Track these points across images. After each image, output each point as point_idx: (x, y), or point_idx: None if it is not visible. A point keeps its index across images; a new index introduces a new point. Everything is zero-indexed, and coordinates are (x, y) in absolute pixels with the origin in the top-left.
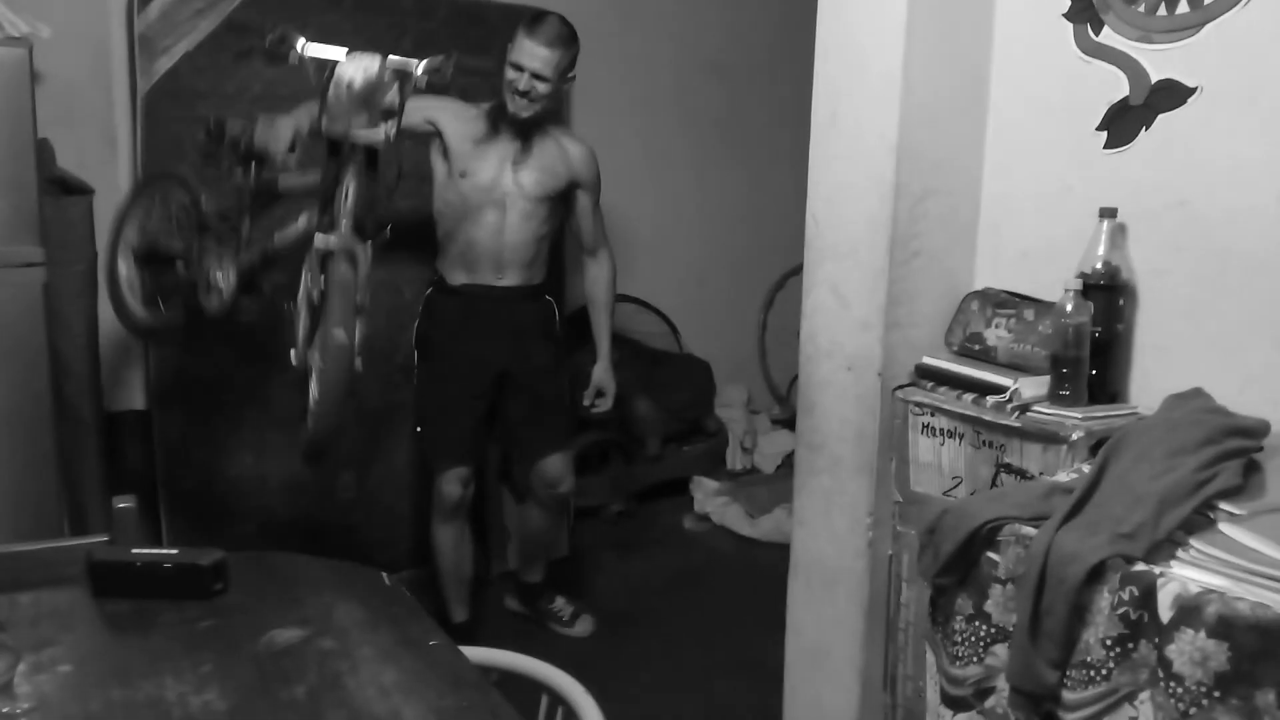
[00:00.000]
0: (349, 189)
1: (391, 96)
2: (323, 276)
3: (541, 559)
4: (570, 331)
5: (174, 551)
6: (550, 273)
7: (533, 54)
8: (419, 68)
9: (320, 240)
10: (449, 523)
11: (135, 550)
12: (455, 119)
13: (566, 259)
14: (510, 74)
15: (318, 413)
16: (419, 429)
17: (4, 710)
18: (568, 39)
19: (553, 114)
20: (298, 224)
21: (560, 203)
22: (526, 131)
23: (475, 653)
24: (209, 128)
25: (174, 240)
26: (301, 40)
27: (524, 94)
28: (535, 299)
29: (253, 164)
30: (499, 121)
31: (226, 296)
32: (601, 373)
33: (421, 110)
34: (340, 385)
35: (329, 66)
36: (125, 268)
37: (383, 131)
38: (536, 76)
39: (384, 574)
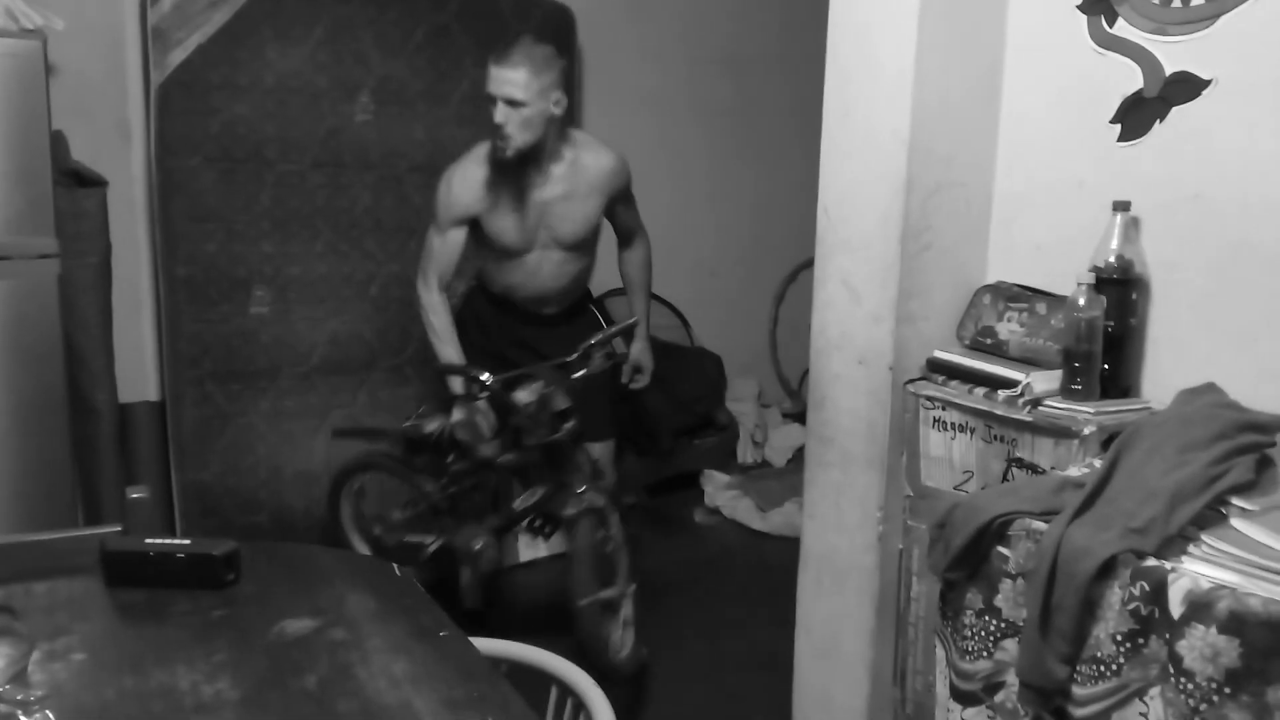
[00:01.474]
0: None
1: (561, 400)
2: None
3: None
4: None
5: (187, 542)
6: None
7: (500, 79)
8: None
9: (574, 505)
10: None
11: (148, 540)
12: (472, 195)
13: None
14: (491, 110)
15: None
16: None
17: (19, 697)
18: (541, 59)
19: (558, 141)
20: (533, 496)
21: (595, 230)
22: (526, 170)
23: (486, 644)
24: (408, 438)
25: (415, 525)
26: (488, 376)
27: (500, 125)
28: (579, 315)
29: (458, 451)
30: (501, 169)
31: (494, 554)
32: (640, 350)
33: (453, 215)
34: (598, 641)
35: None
36: (357, 541)
37: (565, 432)
38: (510, 103)
39: (395, 565)
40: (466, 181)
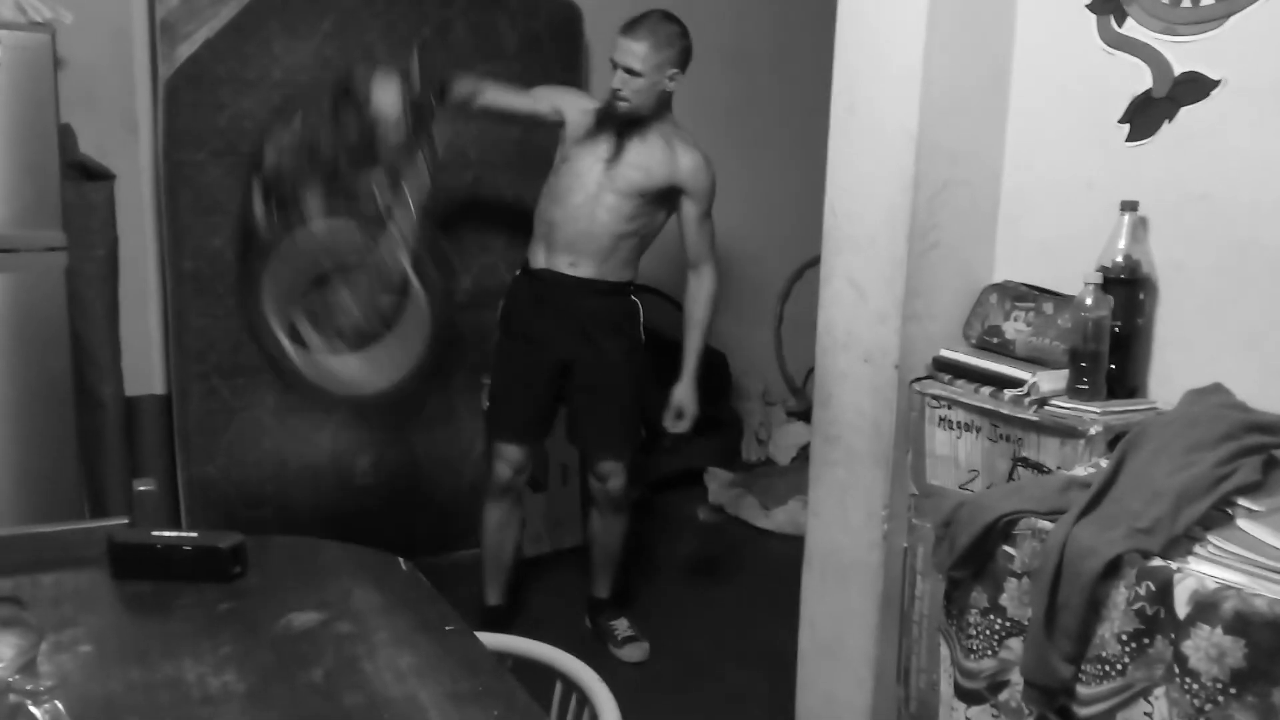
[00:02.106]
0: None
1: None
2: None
3: (607, 572)
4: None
5: (193, 534)
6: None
7: (625, 49)
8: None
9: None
10: (496, 503)
11: (155, 533)
12: (575, 111)
13: None
14: (612, 72)
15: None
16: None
17: (27, 688)
18: (665, 35)
19: (661, 114)
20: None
21: (654, 205)
22: (625, 131)
23: (491, 638)
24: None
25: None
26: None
27: (617, 89)
28: (611, 294)
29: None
30: (602, 121)
31: (310, 223)
32: (683, 393)
33: (551, 98)
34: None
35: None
36: (258, 198)
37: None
38: (629, 71)
39: (401, 559)
40: (579, 98)
